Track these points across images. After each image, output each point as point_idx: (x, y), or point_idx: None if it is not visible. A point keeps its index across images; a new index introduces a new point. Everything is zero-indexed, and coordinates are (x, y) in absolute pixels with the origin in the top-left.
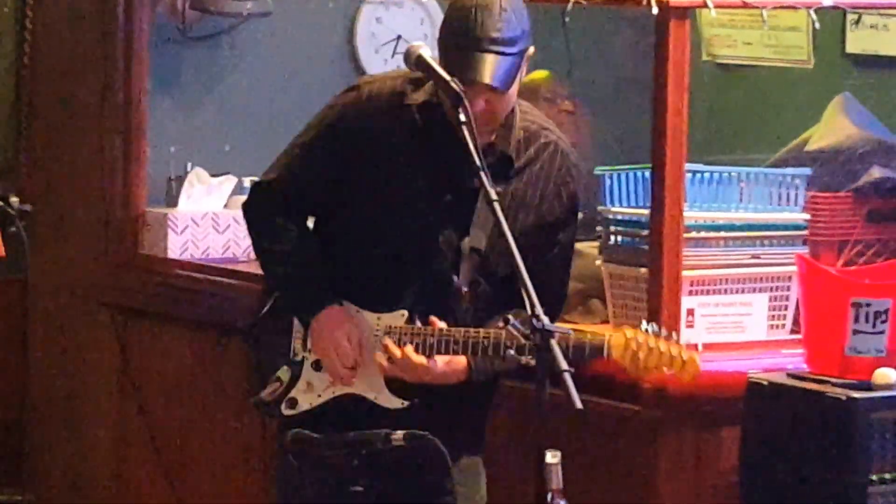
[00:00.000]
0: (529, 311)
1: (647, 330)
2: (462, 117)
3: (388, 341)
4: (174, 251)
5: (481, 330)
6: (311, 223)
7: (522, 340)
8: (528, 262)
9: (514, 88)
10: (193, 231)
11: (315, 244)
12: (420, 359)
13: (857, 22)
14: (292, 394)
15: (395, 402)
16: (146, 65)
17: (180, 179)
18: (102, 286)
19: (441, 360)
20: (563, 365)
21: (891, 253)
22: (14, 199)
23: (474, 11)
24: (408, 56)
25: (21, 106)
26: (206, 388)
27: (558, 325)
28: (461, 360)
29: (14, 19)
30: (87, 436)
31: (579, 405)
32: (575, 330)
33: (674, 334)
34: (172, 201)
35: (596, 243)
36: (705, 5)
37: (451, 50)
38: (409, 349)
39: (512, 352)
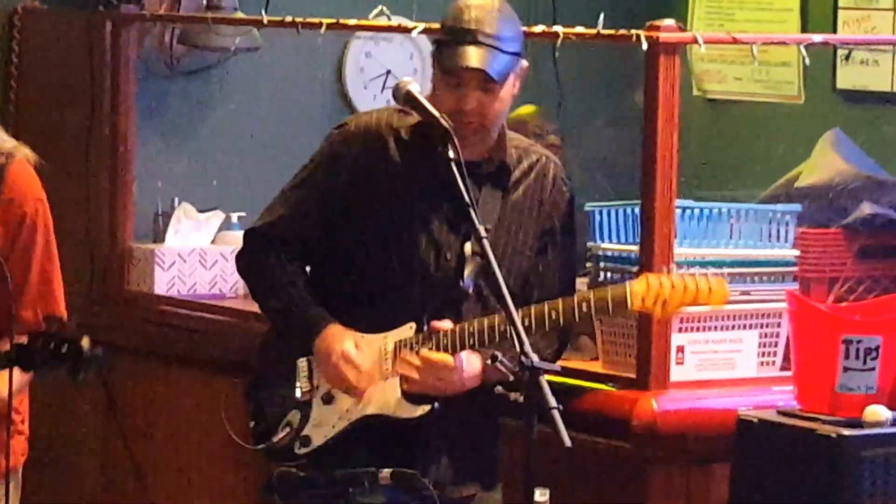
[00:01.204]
0: (518, 349)
1: (666, 270)
2: (451, 154)
3: (405, 353)
4: (161, 287)
5: (496, 316)
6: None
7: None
8: (537, 268)
9: (508, 94)
10: (180, 267)
11: (308, 279)
12: (441, 356)
13: (848, 58)
14: (304, 432)
15: (415, 410)
16: (133, 99)
17: (167, 215)
18: (88, 322)
19: (463, 356)
20: (552, 402)
21: (881, 289)
22: (85, 341)
23: (470, 9)
24: (397, 91)
25: None
26: (193, 426)
27: (543, 361)
28: (476, 364)
29: (0, 55)
30: (72, 471)
31: (568, 443)
32: (595, 291)
33: (693, 269)
34: (159, 237)
35: (585, 279)
36: (695, 41)
37: (445, 44)
38: (426, 351)
39: (500, 388)
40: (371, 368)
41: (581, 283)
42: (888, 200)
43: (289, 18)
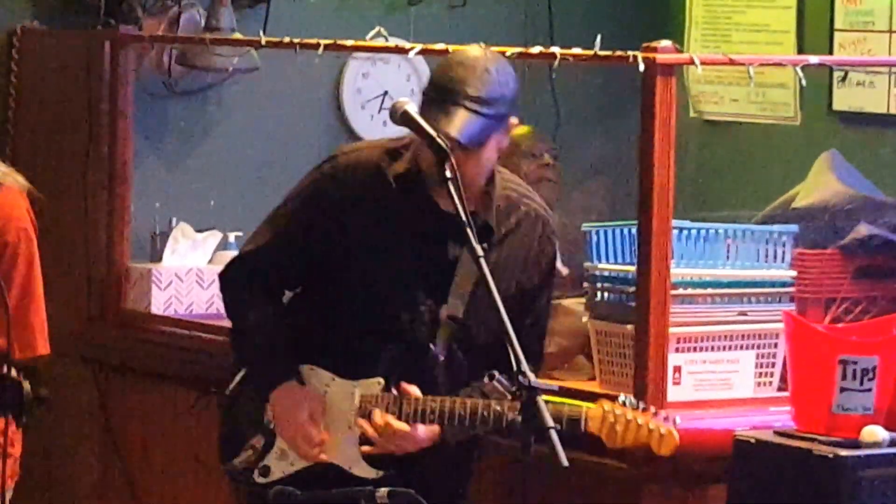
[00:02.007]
0: (515, 368)
1: (624, 402)
2: (448, 173)
3: (375, 413)
4: (158, 307)
5: (457, 399)
6: (287, 296)
7: (498, 408)
8: (513, 321)
9: (490, 154)
10: (177, 286)
11: (283, 319)
12: (402, 425)
13: (844, 79)
14: (266, 461)
15: (370, 472)
16: (131, 120)
17: (165, 235)
18: (85, 341)
19: (421, 428)
20: (549, 422)
21: (878, 310)
22: (26, 385)
23: (456, 67)
24: (394, 111)
25: (5, 161)
26: (189, 445)
27: (545, 381)
28: (434, 427)
29: None
30: (67, 490)
31: (565, 463)
32: (551, 402)
33: (652, 408)
34: (157, 256)
35: (582, 300)
36: (692, 62)
37: (426, 103)
38: (391, 418)
39: (498, 408)
40: (325, 437)
41: (578, 303)
42: (885, 221)
43: (287, 39)
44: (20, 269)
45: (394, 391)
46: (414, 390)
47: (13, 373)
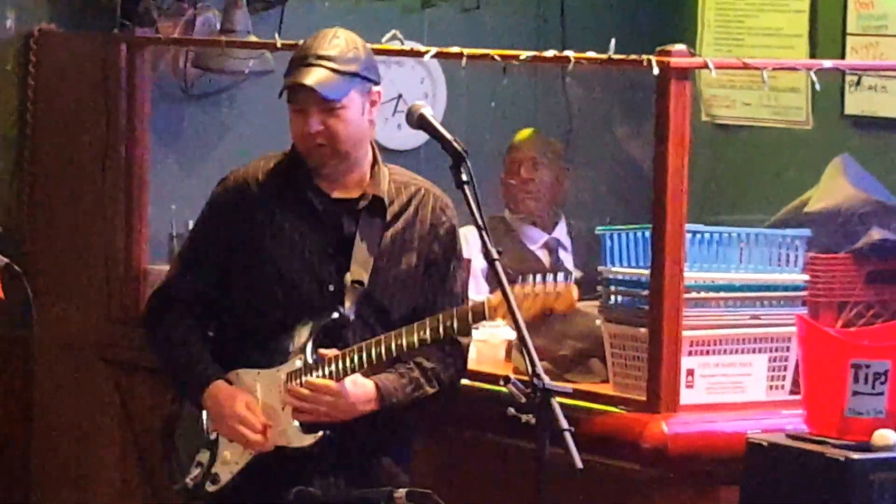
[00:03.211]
0: (530, 371)
1: (520, 279)
2: (464, 176)
3: (292, 387)
4: None
5: (373, 339)
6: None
7: (408, 330)
8: (426, 295)
9: (354, 115)
10: None
11: (203, 333)
12: (327, 382)
13: (857, 83)
14: (213, 469)
15: (307, 439)
16: (147, 122)
17: (182, 237)
18: (104, 343)
19: (348, 381)
20: (564, 424)
21: (890, 314)
22: None
23: (310, 40)
24: (410, 115)
25: (24, 164)
26: None
27: (558, 383)
28: (369, 387)
29: (17, 78)
30: (89, 491)
31: (580, 465)
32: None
33: (549, 276)
34: (174, 258)
35: (596, 303)
36: (706, 66)
37: (287, 73)
38: (312, 378)
39: (512, 410)
40: (266, 421)
41: (592, 306)
42: None
43: (302, 42)
44: None
45: (313, 360)
46: (331, 352)
47: None
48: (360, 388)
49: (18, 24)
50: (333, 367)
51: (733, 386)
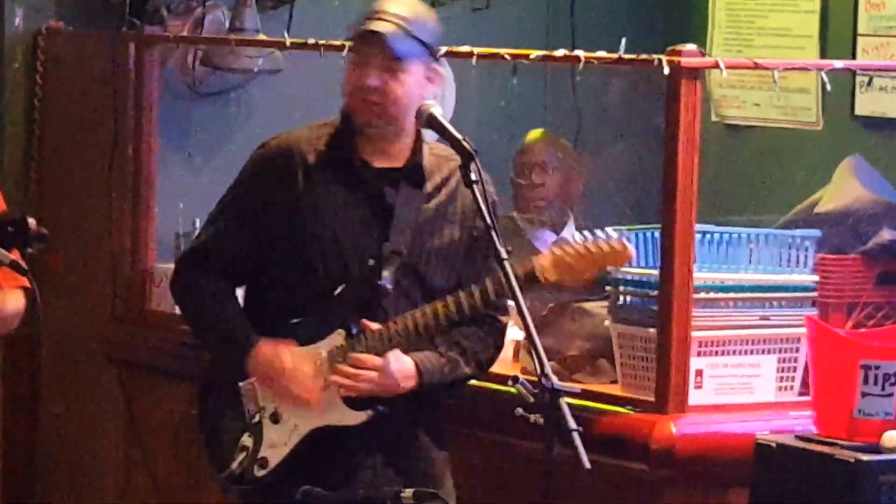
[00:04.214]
0: (538, 371)
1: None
2: (473, 176)
3: (337, 366)
4: None
5: (416, 312)
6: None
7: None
8: (472, 270)
9: (412, 82)
10: None
11: (236, 300)
12: (370, 357)
13: (868, 84)
14: (261, 454)
15: (358, 416)
16: (155, 121)
17: (189, 235)
18: (110, 342)
19: (391, 356)
20: (572, 424)
21: None
22: (31, 221)
23: (385, 1)
24: (419, 114)
25: (31, 162)
26: None
27: (567, 384)
28: (409, 364)
29: (24, 76)
30: (93, 489)
31: (588, 465)
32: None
33: (598, 231)
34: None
35: (605, 303)
36: (717, 66)
37: (355, 24)
38: (357, 354)
39: (521, 410)
40: (315, 378)
41: (600, 306)
42: None
43: (311, 41)
44: None
45: (356, 333)
46: (374, 325)
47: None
48: (402, 363)
49: (26, 21)
50: (377, 341)
51: (742, 387)
